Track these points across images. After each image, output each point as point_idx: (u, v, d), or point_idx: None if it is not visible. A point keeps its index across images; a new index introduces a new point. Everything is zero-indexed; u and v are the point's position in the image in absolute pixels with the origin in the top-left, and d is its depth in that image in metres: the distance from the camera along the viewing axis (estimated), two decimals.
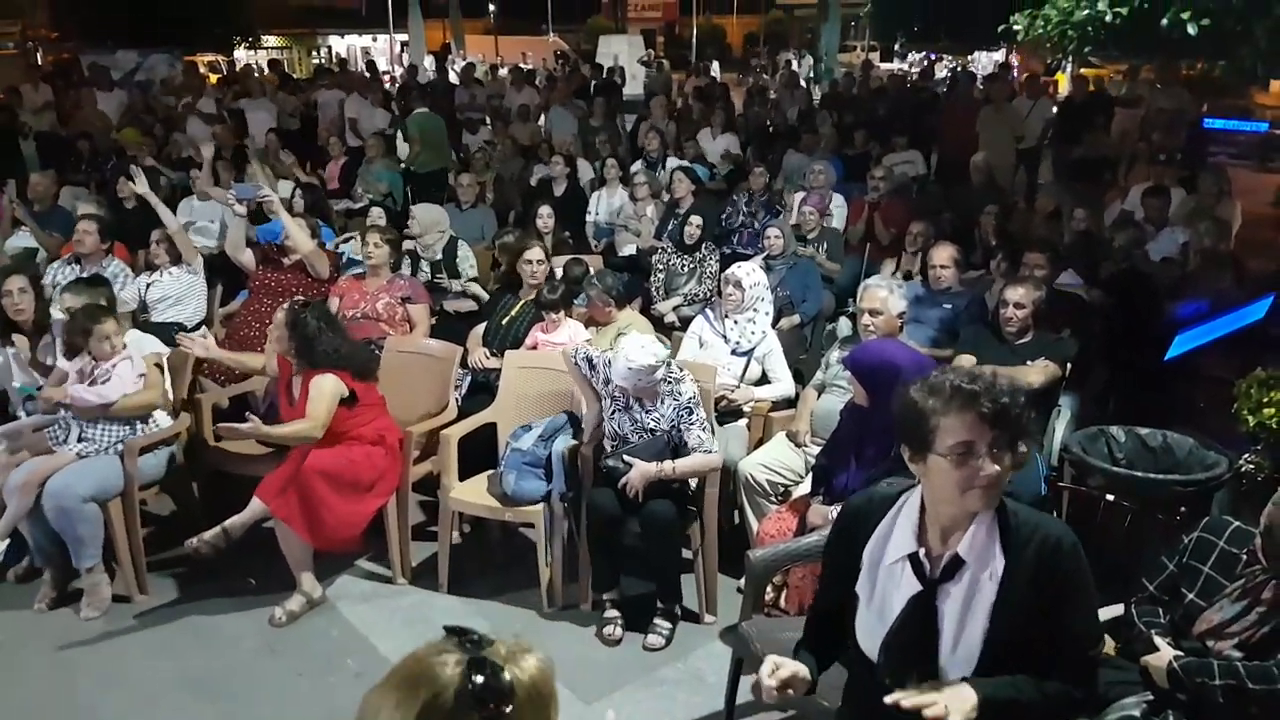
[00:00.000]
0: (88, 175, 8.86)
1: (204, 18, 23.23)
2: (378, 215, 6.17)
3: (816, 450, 3.77)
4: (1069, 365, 4.20)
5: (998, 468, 1.76)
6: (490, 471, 4.11)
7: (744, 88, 15.30)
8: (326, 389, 3.74)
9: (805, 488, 3.60)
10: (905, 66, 27.75)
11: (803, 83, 14.95)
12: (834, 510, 3.27)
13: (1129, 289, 5.20)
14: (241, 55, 26.82)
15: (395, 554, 4.09)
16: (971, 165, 7.91)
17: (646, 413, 3.68)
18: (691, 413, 3.64)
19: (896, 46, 28.29)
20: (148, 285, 5.36)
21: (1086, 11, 10.55)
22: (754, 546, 3.38)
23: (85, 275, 5.07)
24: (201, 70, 17.89)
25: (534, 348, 4.63)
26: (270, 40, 32.43)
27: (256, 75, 13.07)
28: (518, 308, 5.01)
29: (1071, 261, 5.51)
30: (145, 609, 3.90)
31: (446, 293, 5.85)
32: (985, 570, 1.81)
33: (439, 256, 5.94)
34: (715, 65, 23.29)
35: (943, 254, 4.95)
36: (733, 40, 49.36)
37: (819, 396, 4.05)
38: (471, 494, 4.01)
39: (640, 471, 3.55)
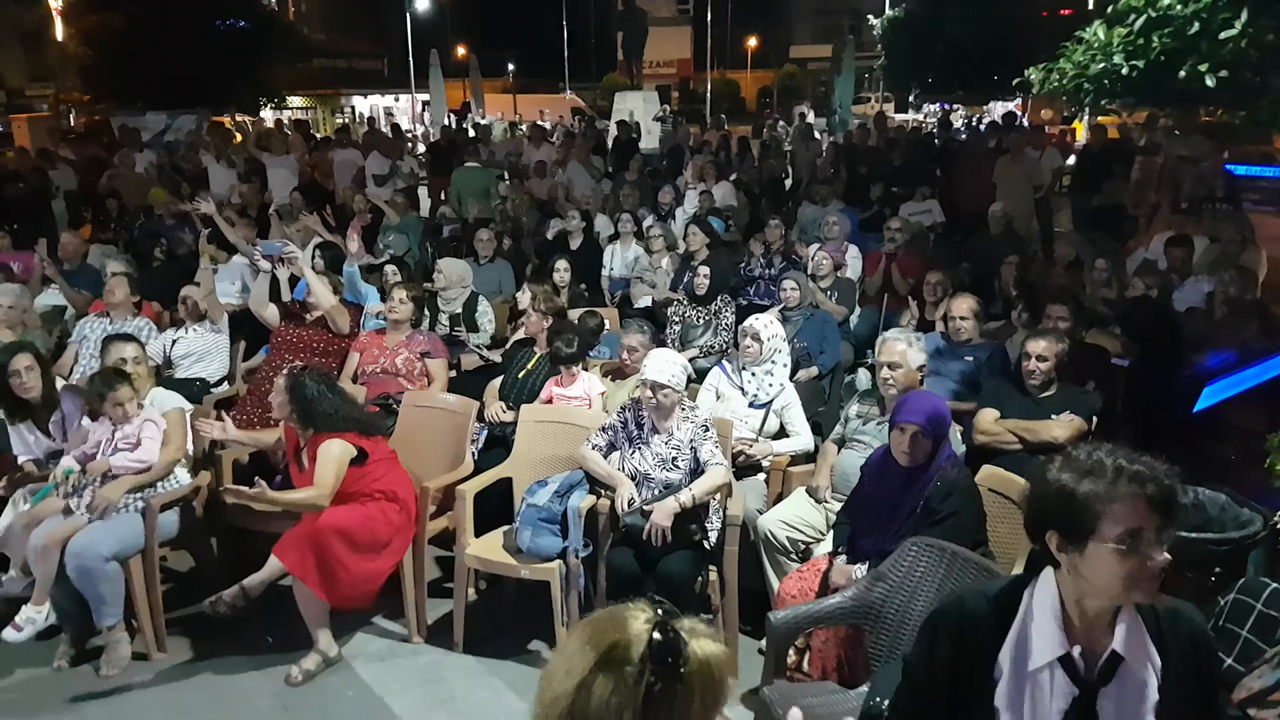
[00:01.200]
0: (116, 233, 9.03)
1: (231, 81, 23.81)
2: (392, 273, 6.22)
3: (837, 506, 3.74)
4: (1094, 419, 4.13)
5: (1167, 556, 1.63)
6: (506, 527, 4.08)
7: (758, 140, 15.45)
8: (334, 453, 3.74)
9: (827, 546, 3.55)
10: (920, 117, 28.00)
11: (817, 135, 15.09)
12: (859, 569, 3.22)
13: (1155, 335, 5.12)
14: (268, 115, 27.44)
15: (411, 612, 4.05)
16: (990, 215, 7.91)
17: (665, 441, 3.69)
18: (706, 430, 3.74)
19: (910, 98, 28.50)
20: (173, 341, 5.41)
21: (1102, 65, 10.60)
22: (775, 606, 3.32)
23: (120, 331, 5.06)
24: (228, 128, 18.28)
25: (549, 401, 4.62)
26: (296, 101, 33.17)
27: (280, 134, 13.32)
28: (534, 361, 5.02)
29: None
30: (163, 667, 3.88)
31: (464, 346, 5.88)
32: (1144, 667, 1.69)
33: (459, 310, 5.98)
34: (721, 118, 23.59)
35: (963, 305, 4.92)
36: (746, 94, 50.06)
37: (839, 451, 4.01)
38: (487, 550, 3.97)
39: (663, 511, 3.53)
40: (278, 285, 5.96)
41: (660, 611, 1.32)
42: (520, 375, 4.97)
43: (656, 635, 1.27)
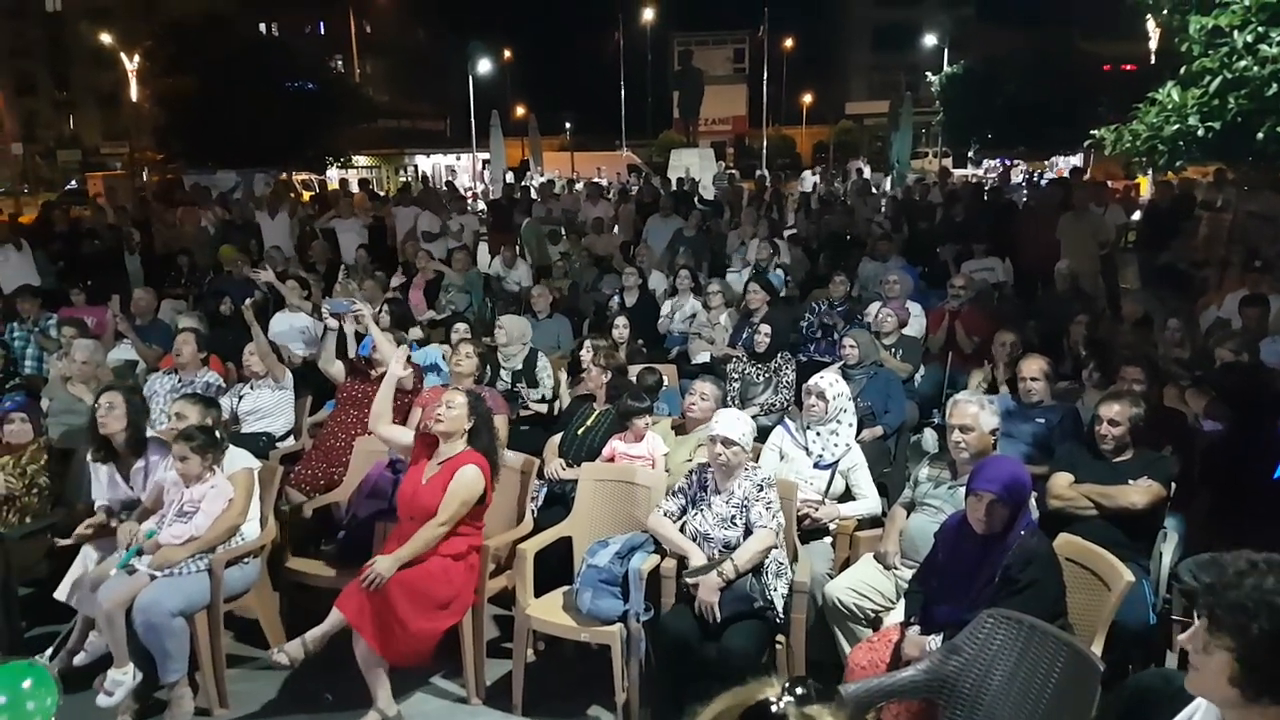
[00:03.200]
0: (186, 289, 9.30)
1: (299, 140, 24.65)
2: (464, 330, 6.30)
3: (908, 573, 3.64)
4: (1173, 484, 3.97)
5: None
6: (566, 588, 4.03)
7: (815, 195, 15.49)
8: (468, 480, 3.76)
9: (898, 615, 3.44)
10: (980, 173, 27.84)
11: (874, 190, 15.09)
12: (933, 641, 3.11)
13: (1248, 398, 4.91)
14: (333, 174, 28.29)
15: (470, 672, 4.01)
16: (1056, 272, 7.78)
17: (726, 500, 3.66)
18: (762, 490, 3.68)
19: (970, 153, 28.41)
20: (240, 398, 5.51)
21: (1177, 126, 10.44)
22: (846, 678, 3.21)
23: (197, 390, 5.15)
24: (296, 185, 18.87)
25: (611, 459, 4.59)
26: (360, 160, 34.21)
27: (345, 197, 13.69)
28: (593, 417, 5.00)
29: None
30: None
31: (524, 402, 5.90)
32: None
33: (519, 367, 6.02)
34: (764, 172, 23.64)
35: (1033, 366, 4.80)
36: (802, 150, 50.42)
37: (908, 515, 3.90)
38: (547, 612, 3.92)
39: (708, 587, 3.47)
40: (344, 341, 6.07)
41: (801, 686, 1.32)
42: (579, 432, 4.96)
43: (789, 695, 1.28)
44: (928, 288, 8.26)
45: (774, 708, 1.26)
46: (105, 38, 33.87)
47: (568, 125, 47.21)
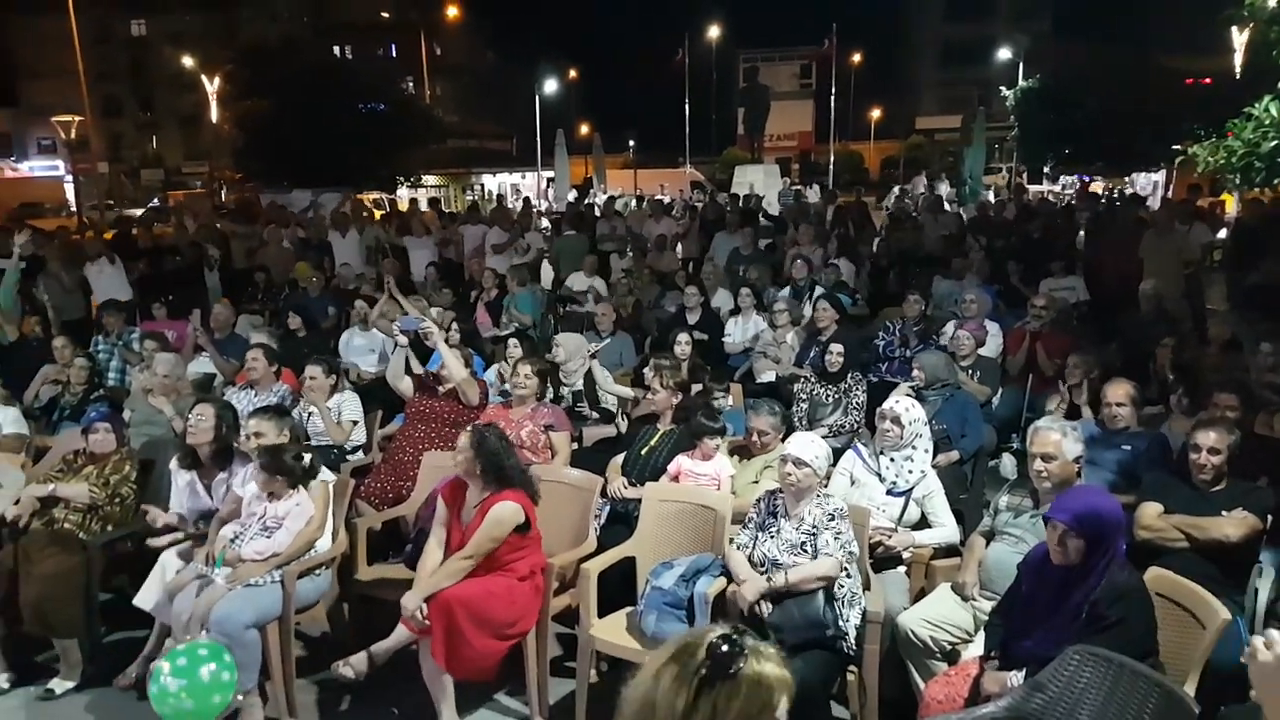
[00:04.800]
0: (263, 305, 9.52)
1: (371, 161, 25.23)
2: (514, 346, 6.31)
3: (986, 605, 3.51)
4: (1269, 517, 3.77)
5: None
6: (630, 609, 3.98)
7: (883, 211, 15.26)
8: (504, 516, 3.73)
9: (976, 648, 3.32)
10: (1056, 189, 27.16)
11: (946, 206, 14.81)
12: (1014, 677, 2.99)
13: None
14: (403, 193, 28.86)
15: (533, 691, 3.98)
16: (1140, 293, 7.51)
17: (796, 526, 3.59)
18: (833, 519, 3.58)
19: (1046, 169, 27.73)
20: (308, 415, 5.59)
21: (1275, 142, 10.05)
22: (921, 714, 3.10)
23: (273, 404, 5.19)
24: (368, 205, 19.25)
25: (676, 476, 4.54)
26: (430, 179, 34.87)
27: (416, 216, 13.94)
28: (657, 437, 4.96)
29: None
30: None
31: (586, 420, 5.89)
32: None
33: (579, 385, 6.01)
34: (815, 189, 23.28)
35: (1119, 391, 4.62)
36: (870, 165, 49.89)
37: (988, 545, 3.77)
38: (611, 633, 3.88)
39: (751, 586, 3.42)
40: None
41: (735, 629, 1.62)
42: (643, 451, 4.92)
43: (718, 637, 1.59)
44: (1005, 308, 8.05)
45: (724, 647, 1.54)
46: (187, 61, 35.16)
47: (631, 143, 47.48)
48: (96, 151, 36.93)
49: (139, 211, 23.36)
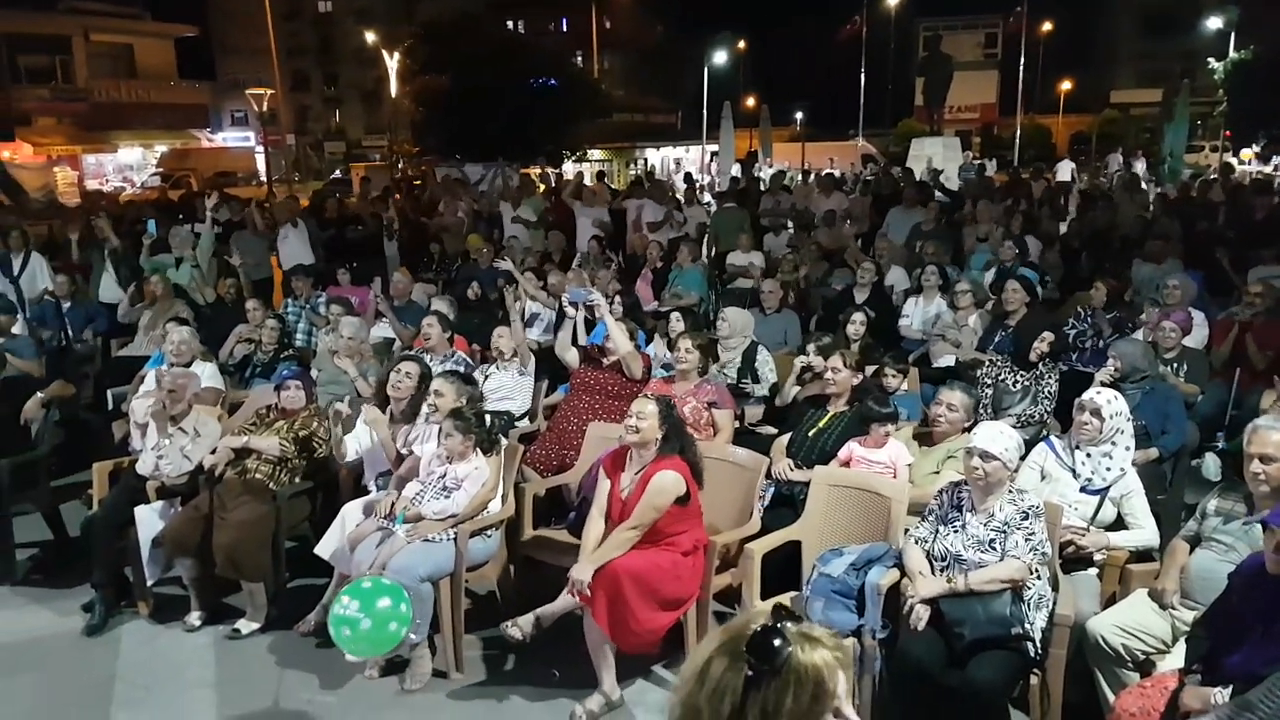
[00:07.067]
0: (436, 274, 9.89)
1: (541, 136, 25.75)
2: (676, 320, 6.26)
3: (1188, 615, 3.23)
4: None
5: None
6: (793, 593, 3.88)
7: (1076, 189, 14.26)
8: (667, 485, 3.72)
9: (1175, 660, 3.06)
10: (1268, 169, 24.72)
11: (1144, 185, 13.72)
12: (1219, 694, 2.72)
13: None
14: (569, 168, 29.37)
15: None
16: None
17: (984, 523, 3.40)
18: (1027, 518, 3.35)
19: (1258, 148, 25.25)
20: (485, 377, 5.75)
21: None
22: None
23: (460, 370, 5.38)
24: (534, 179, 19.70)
25: (846, 463, 4.38)
26: (595, 154, 35.30)
27: (589, 188, 14.11)
28: (826, 420, 4.81)
29: None
30: (458, 687, 4.07)
31: (749, 398, 5.78)
32: None
33: (739, 360, 5.90)
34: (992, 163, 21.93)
35: None
36: (1058, 140, 46.87)
37: (1191, 551, 3.45)
38: None
39: (927, 586, 3.25)
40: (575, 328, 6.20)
41: (781, 614, 1.45)
42: (811, 434, 4.78)
43: (757, 629, 1.41)
44: (1208, 295, 7.35)
45: (775, 632, 1.39)
46: (369, 37, 36.92)
47: (799, 115, 46.49)
48: (285, 124, 39.43)
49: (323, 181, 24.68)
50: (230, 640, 4.45)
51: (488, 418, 4.37)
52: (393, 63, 29.56)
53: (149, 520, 4.58)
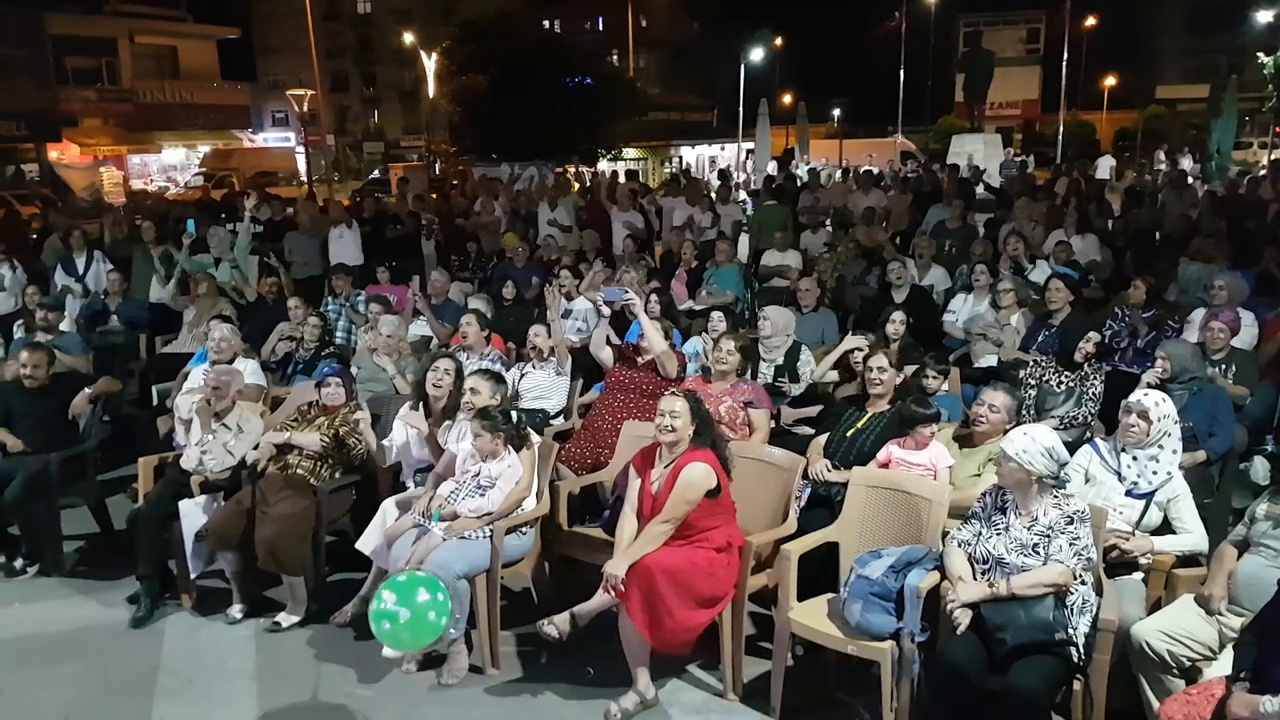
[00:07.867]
0: (473, 273, 9.95)
1: (576, 135, 25.84)
2: (718, 320, 6.24)
3: (1235, 621, 3.17)
4: None
5: None
6: (830, 595, 3.86)
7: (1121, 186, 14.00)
8: (697, 478, 3.73)
9: (1222, 667, 2.99)
10: None
11: (1191, 182, 13.45)
12: (1268, 703, 2.66)
13: None
14: (604, 166, 29.42)
15: (728, 668, 3.96)
16: None
17: (1028, 526, 3.35)
18: (1071, 522, 3.30)
19: None
20: (521, 375, 5.78)
21: None
22: None
23: (495, 369, 5.37)
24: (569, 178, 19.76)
25: (885, 465, 4.34)
26: (630, 152, 35.34)
27: (619, 188, 14.10)
28: (864, 420, 4.76)
29: None
30: (494, 683, 4.10)
31: (786, 397, 5.75)
32: None
33: (781, 361, 5.87)
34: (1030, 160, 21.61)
35: None
36: (1102, 136, 46.05)
37: (1240, 556, 3.38)
38: (810, 618, 3.77)
39: (968, 591, 3.22)
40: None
41: None
42: (848, 434, 4.73)
43: None
44: (1256, 295, 7.18)
45: None
46: (407, 38, 37.21)
47: (836, 112, 46.15)
48: (325, 124, 39.85)
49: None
50: (271, 633, 4.53)
51: (513, 414, 4.38)
52: (430, 63, 29.80)
53: (193, 514, 4.66)
